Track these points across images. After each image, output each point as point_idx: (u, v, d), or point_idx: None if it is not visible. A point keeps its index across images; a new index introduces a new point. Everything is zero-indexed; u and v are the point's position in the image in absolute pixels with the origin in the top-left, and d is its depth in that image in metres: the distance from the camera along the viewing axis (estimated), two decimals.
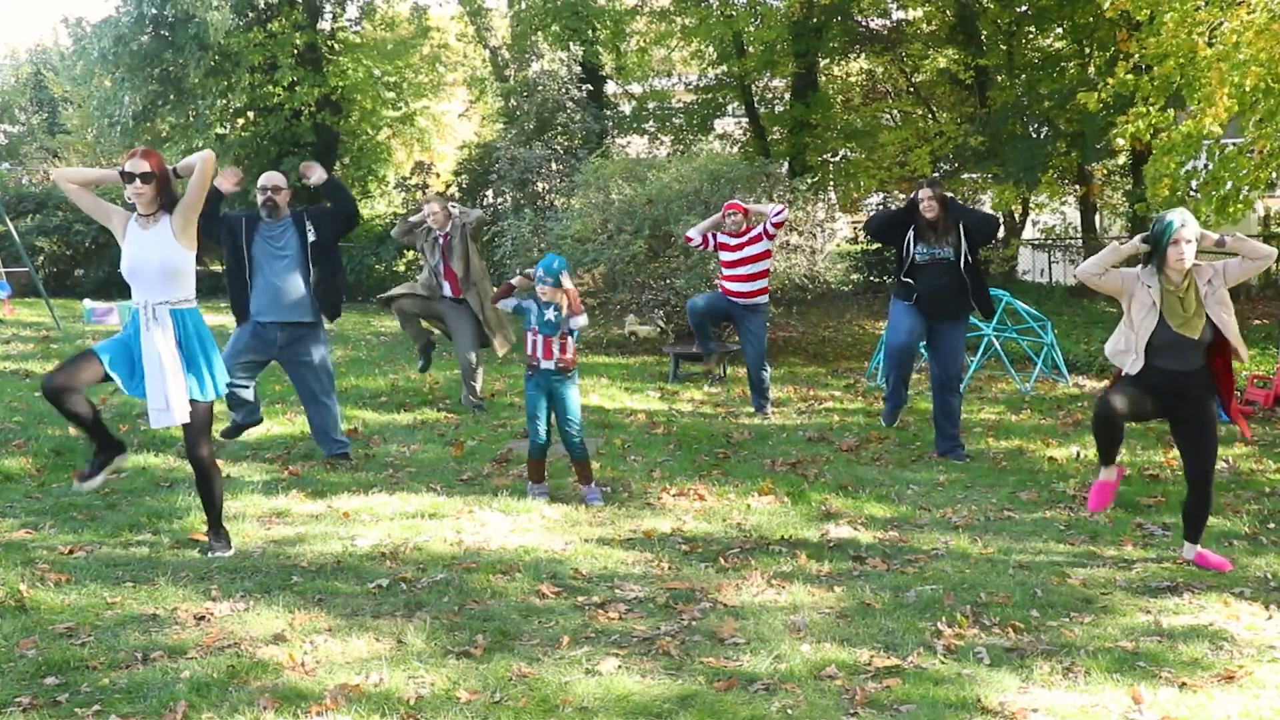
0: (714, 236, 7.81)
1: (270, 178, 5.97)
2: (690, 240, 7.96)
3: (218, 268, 15.22)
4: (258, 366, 6.17)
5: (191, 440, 4.42)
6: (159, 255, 4.31)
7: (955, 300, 6.36)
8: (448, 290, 7.66)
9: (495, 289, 7.38)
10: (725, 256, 7.76)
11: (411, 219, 7.85)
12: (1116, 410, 4.25)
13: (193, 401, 4.34)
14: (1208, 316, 4.24)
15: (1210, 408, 4.35)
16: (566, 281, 5.39)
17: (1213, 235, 4.34)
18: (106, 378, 4.30)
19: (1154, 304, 4.25)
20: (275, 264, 5.90)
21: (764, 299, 7.83)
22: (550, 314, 5.39)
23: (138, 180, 4.28)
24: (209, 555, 4.52)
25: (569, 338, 5.42)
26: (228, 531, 4.66)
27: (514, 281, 5.65)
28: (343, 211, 6.09)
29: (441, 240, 7.59)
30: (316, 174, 6.01)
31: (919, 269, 6.34)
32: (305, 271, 5.98)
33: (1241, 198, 7.24)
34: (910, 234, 6.36)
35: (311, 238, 5.97)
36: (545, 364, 5.41)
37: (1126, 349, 4.34)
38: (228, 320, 12.92)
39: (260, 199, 5.97)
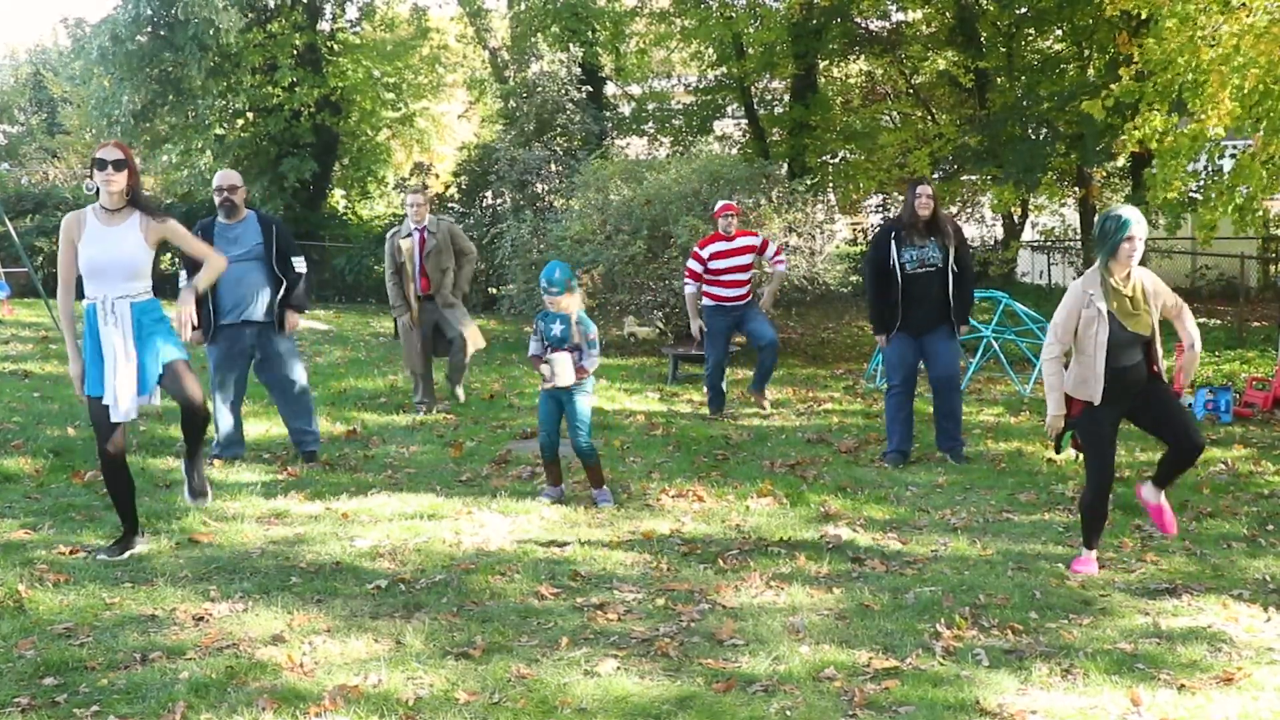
0: (697, 259, 7.61)
1: (226, 177, 5.97)
2: (690, 291, 7.76)
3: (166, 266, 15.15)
4: (241, 383, 6.16)
5: (181, 392, 4.34)
6: (125, 253, 4.26)
7: (942, 311, 6.29)
8: (418, 289, 7.46)
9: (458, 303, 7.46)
10: (718, 265, 7.63)
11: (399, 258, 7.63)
12: (1109, 485, 4.40)
13: (170, 364, 4.31)
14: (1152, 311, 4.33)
15: (1158, 383, 4.41)
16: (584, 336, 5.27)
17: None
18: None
19: (1099, 312, 4.28)
20: (237, 264, 5.76)
21: (753, 292, 7.86)
22: (557, 327, 5.32)
23: (110, 167, 4.23)
24: (191, 501, 4.60)
25: (585, 347, 5.32)
26: (208, 482, 4.69)
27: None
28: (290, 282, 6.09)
29: (419, 235, 7.47)
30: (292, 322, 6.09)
31: (910, 280, 6.21)
32: (269, 270, 5.95)
33: (1254, 203, 7.24)
34: (892, 246, 6.24)
35: (276, 244, 5.98)
36: (546, 391, 5.40)
37: (1085, 377, 4.35)
38: None
39: (217, 199, 5.98)
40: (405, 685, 3.32)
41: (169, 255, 14.63)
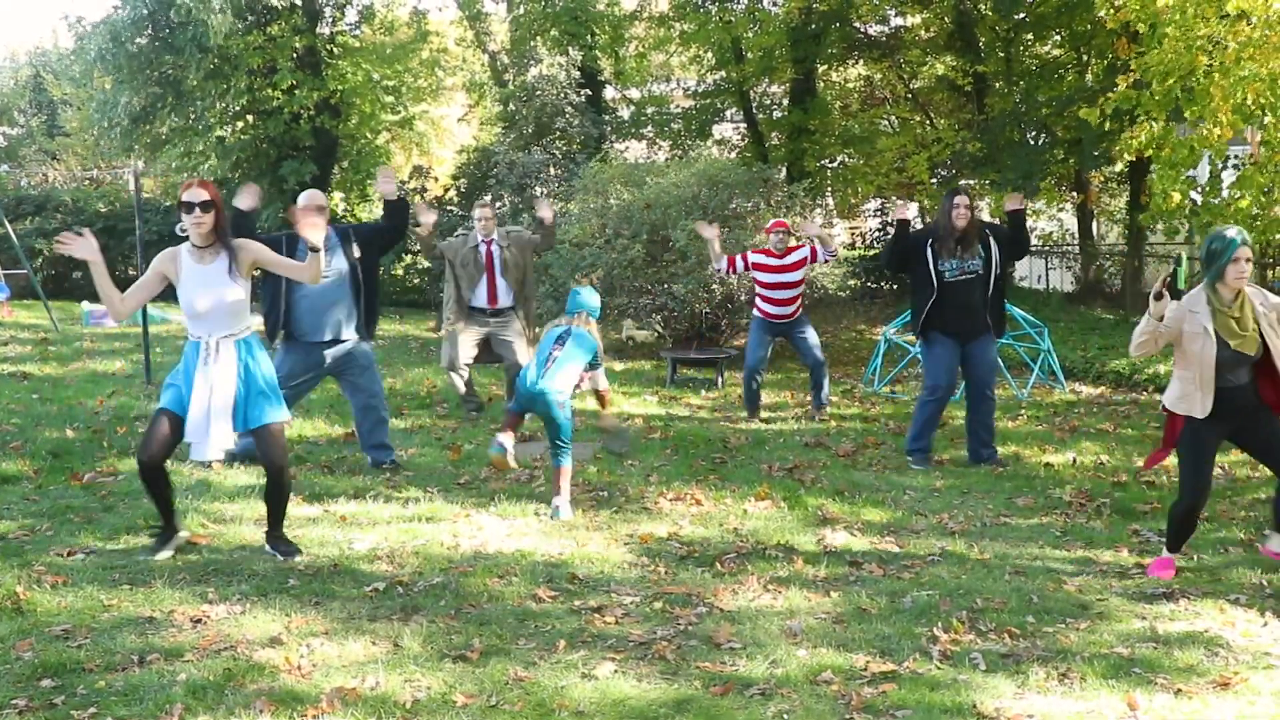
0: (745, 258, 7.69)
1: (312, 197, 5.87)
2: (719, 270, 7.90)
3: None
4: (303, 389, 6.13)
5: (272, 458, 4.40)
6: (220, 293, 4.28)
7: (985, 317, 6.27)
8: (483, 301, 7.47)
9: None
10: (764, 278, 7.64)
11: (439, 244, 7.66)
12: (1207, 490, 4.35)
13: (267, 426, 4.35)
14: (1261, 335, 4.25)
15: (1268, 412, 4.36)
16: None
17: None
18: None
19: (1205, 329, 4.23)
20: (321, 283, 5.78)
21: (803, 307, 7.86)
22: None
23: (197, 210, 4.24)
24: (279, 559, 4.51)
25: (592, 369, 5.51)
26: (288, 537, 4.66)
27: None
28: (394, 229, 6.06)
29: (485, 248, 7.47)
30: (389, 186, 5.99)
31: (949, 287, 6.18)
32: (353, 288, 5.93)
33: (1263, 213, 7.25)
34: (929, 251, 6.21)
35: (356, 254, 5.93)
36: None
37: (1190, 392, 4.31)
38: None
39: (312, 216, 5.84)
40: (403, 687, 3.32)
41: None
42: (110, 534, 4.83)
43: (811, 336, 7.86)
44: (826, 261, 7.87)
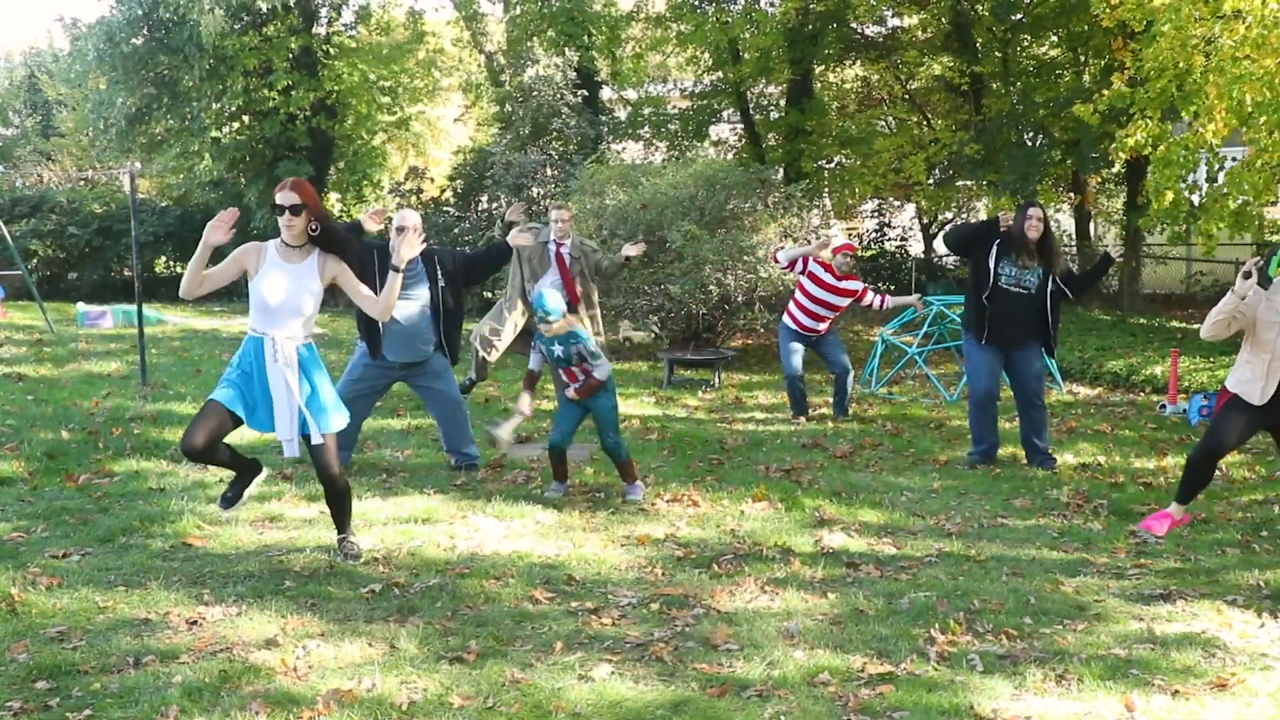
0: (806, 262, 7.67)
1: (409, 216, 5.73)
2: (778, 261, 7.90)
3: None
4: (373, 397, 6.14)
5: (325, 466, 4.36)
6: (300, 292, 4.23)
7: (1034, 329, 6.29)
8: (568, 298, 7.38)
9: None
10: (813, 289, 7.66)
11: (527, 230, 7.62)
12: (1227, 447, 4.37)
13: (324, 436, 4.31)
14: None
15: None
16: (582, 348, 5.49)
17: None
18: (237, 422, 4.27)
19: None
20: (404, 304, 5.79)
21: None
22: (558, 349, 5.52)
23: (288, 213, 4.20)
24: (343, 559, 4.50)
25: (585, 364, 5.51)
26: (354, 540, 4.64)
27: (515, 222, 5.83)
28: (494, 263, 6.10)
29: (555, 250, 7.42)
30: (521, 236, 6.14)
31: (1000, 294, 6.18)
32: (435, 313, 5.94)
33: (1250, 209, 7.26)
34: (994, 251, 6.19)
35: (441, 281, 5.93)
36: (569, 392, 5.62)
37: (1254, 377, 4.34)
38: (218, 324, 12.85)
39: (395, 237, 5.67)
40: (399, 689, 3.31)
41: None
42: (105, 535, 4.81)
43: (839, 345, 7.93)
44: (870, 307, 7.92)
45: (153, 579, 4.26)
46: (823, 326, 7.77)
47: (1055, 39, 14.96)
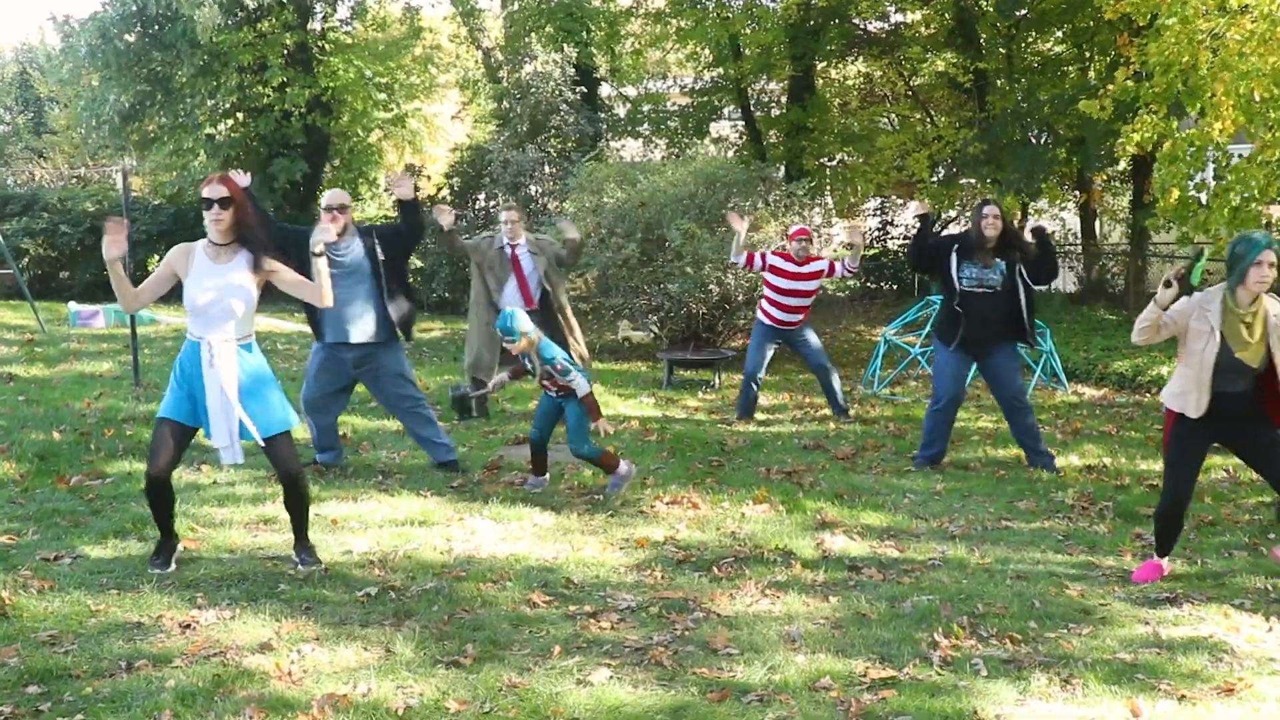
0: (764, 257, 7.62)
1: (336, 196, 5.77)
2: (735, 263, 7.82)
3: None
4: (340, 395, 6.06)
5: (281, 465, 4.33)
6: (230, 292, 4.16)
7: (1005, 330, 6.23)
8: (518, 302, 7.34)
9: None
10: (778, 282, 7.56)
11: (464, 241, 7.55)
12: (1188, 494, 4.31)
13: (272, 437, 4.26)
14: (1268, 347, 4.18)
15: (1265, 422, 4.31)
16: (575, 384, 5.55)
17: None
18: (192, 431, 4.25)
19: (1212, 329, 4.17)
20: (343, 283, 5.70)
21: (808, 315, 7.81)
22: (527, 364, 5.71)
23: (216, 207, 4.15)
24: (301, 568, 4.40)
25: (557, 380, 5.62)
26: (314, 546, 4.57)
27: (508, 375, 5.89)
28: (411, 229, 6.01)
29: (511, 251, 7.39)
30: (404, 188, 5.94)
31: (968, 297, 6.14)
32: (376, 289, 5.84)
33: (1252, 207, 7.20)
34: (954, 257, 6.18)
35: (381, 256, 5.84)
36: (549, 394, 5.78)
37: (1188, 389, 4.26)
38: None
39: (326, 219, 5.69)
40: (395, 694, 3.28)
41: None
42: (98, 538, 4.76)
43: (814, 341, 7.83)
44: (844, 277, 7.81)
45: (145, 582, 4.21)
46: (798, 319, 7.68)
47: (1060, 35, 14.84)
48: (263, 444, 4.28)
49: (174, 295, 4.48)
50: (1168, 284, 4.19)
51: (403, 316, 5.94)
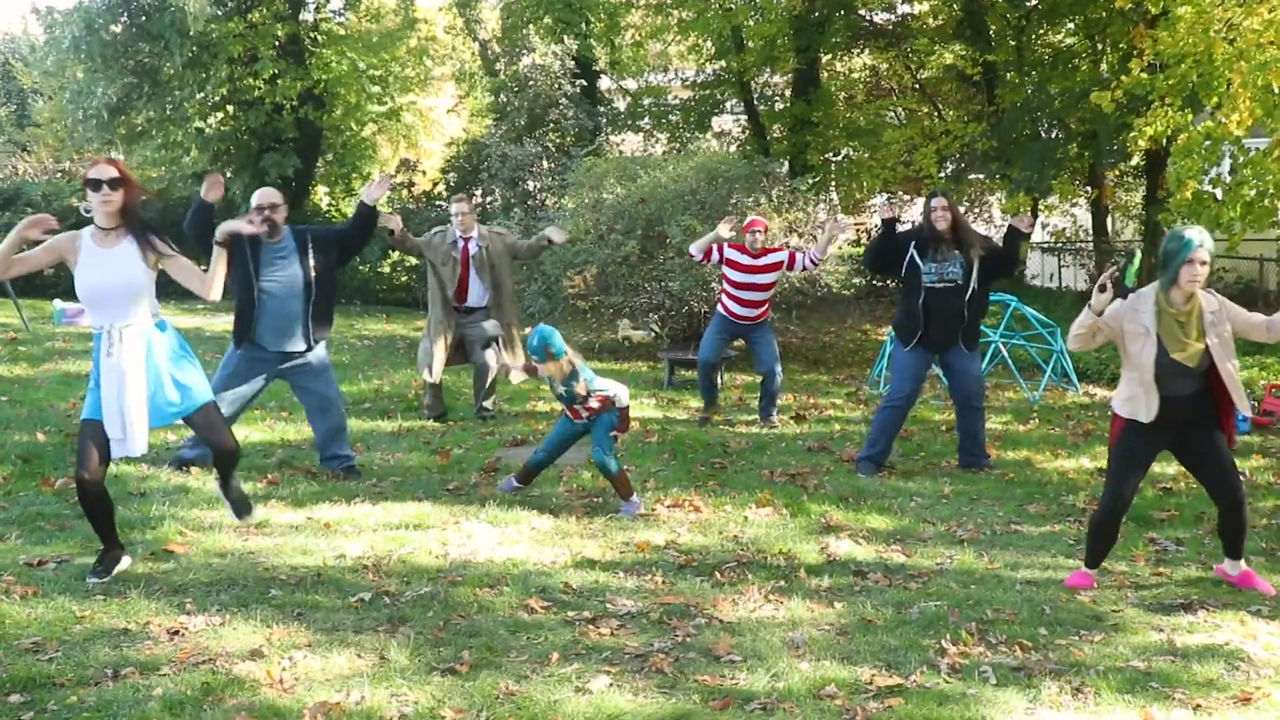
0: (720, 250, 7.42)
1: (266, 195, 5.72)
2: (692, 256, 7.61)
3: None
4: (245, 399, 5.92)
5: (216, 441, 4.31)
6: (123, 278, 4.09)
7: (967, 326, 6.17)
8: (454, 299, 7.34)
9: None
10: (735, 276, 7.39)
11: (415, 240, 7.51)
12: (1129, 500, 4.22)
13: (197, 409, 4.21)
14: (1207, 345, 4.09)
15: (1213, 427, 4.21)
16: (588, 387, 5.35)
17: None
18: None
19: (1147, 330, 4.10)
20: (280, 289, 5.65)
21: (769, 312, 7.65)
22: (560, 389, 5.40)
23: (105, 187, 4.07)
24: (238, 519, 4.59)
25: (588, 403, 5.38)
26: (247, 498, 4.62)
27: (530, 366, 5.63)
28: (359, 237, 5.95)
29: (462, 245, 7.33)
30: (378, 192, 5.88)
31: (930, 293, 6.07)
32: (306, 297, 5.77)
33: (1266, 201, 7.12)
34: (913, 253, 6.11)
35: (313, 263, 5.77)
36: (578, 422, 5.48)
37: (1136, 395, 4.16)
38: (201, 322, 12.70)
39: (258, 219, 5.71)
40: (389, 702, 3.24)
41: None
42: (83, 542, 4.67)
43: (771, 343, 7.59)
44: (805, 270, 7.62)
45: (132, 587, 4.14)
46: (756, 313, 7.49)
47: (1071, 26, 14.69)
48: (185, 419, 4.24)
49: (169, 292, 4.39)
50: (1102, 287, 4.12)
51: (321, 326, 5.86)
